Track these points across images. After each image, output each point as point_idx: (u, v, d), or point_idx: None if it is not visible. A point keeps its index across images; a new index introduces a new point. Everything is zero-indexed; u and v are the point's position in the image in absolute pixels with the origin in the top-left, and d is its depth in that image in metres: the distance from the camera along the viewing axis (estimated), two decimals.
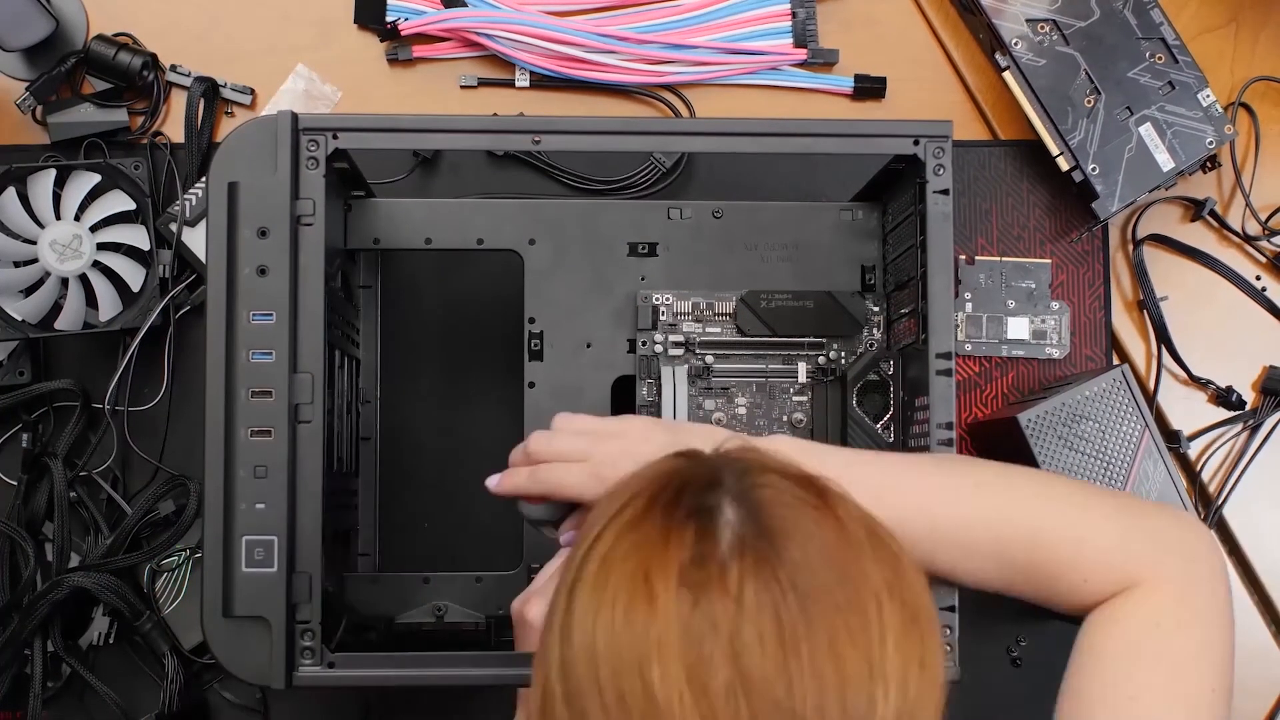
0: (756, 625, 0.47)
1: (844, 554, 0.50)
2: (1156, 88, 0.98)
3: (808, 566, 0.49)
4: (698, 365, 0.89)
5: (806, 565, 0.49)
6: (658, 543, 0.50)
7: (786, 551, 0.49)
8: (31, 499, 0.96)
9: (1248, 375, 1.03)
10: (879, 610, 0.49)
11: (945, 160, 0.80)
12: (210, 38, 1.03)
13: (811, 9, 1.04)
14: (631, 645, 0.48)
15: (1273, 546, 1.00)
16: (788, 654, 0.47)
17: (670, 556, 0.49)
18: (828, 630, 0.48)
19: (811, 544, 0.49)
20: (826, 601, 0.48)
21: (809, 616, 0.47)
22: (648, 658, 0.47)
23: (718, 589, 0.48)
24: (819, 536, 0.50)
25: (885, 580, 0.50)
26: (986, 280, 1.01)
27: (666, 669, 0.47)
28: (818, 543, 0.50)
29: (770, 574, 0.48)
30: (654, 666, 0.47)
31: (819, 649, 0.47)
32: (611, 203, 0.98)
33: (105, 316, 0.95)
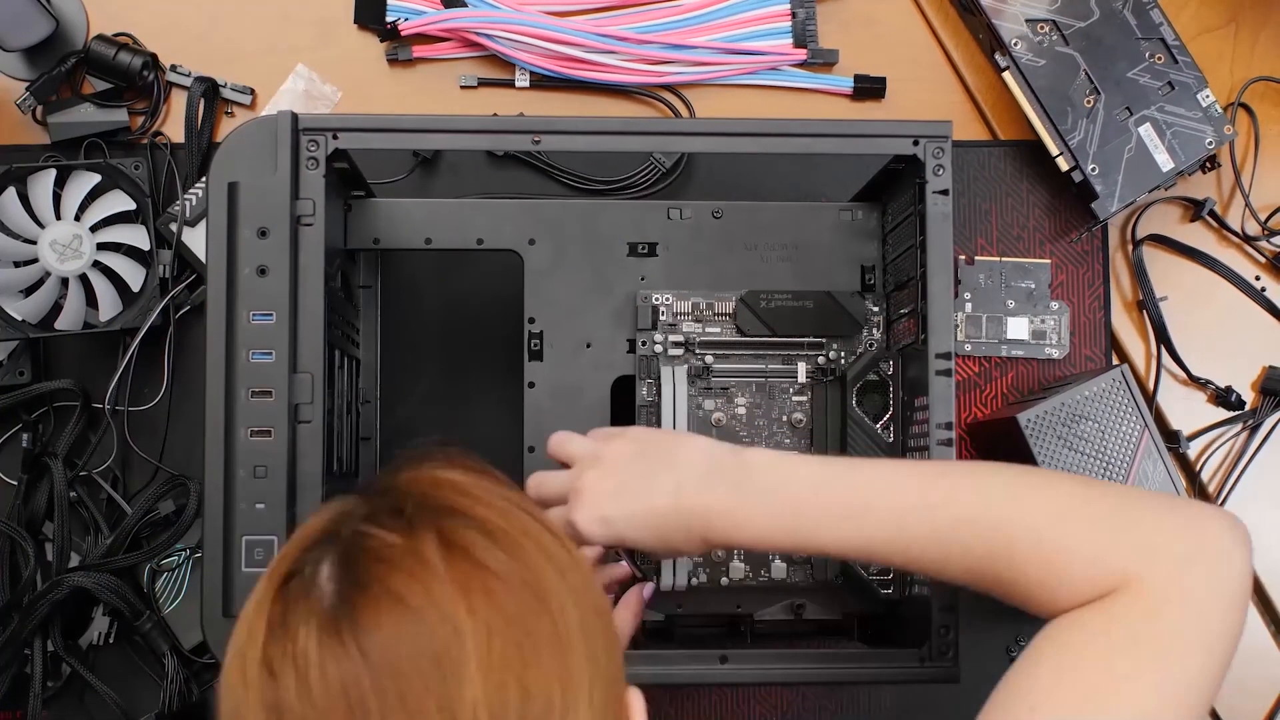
0: (322, 693, 0.47)
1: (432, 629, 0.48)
2: (1156, 88, 0.98)
3: (371, 607, 0.48)
4: (697, 365, 0.89)
5: (370, 606, 0.48)
6: (252, 614, 0.50)
7: (348, 602, 0.48)
8: (31, 499, 0.96)
9: (1247, 375, 1.03)
10: (458, 637, 0.47)
11: (945, 160, 0.80)
12: (210, 38, 1.03)
13: (811, 9, 1.04)
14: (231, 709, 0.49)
15: (1272, 546, 1.01)
16: (354, 712, 0.46)
17: (259, 627, 0.49)
18: (387, 664, 0.47)
19: (379, 587, 0.48)
20: (384, 637, 0.47)
21: (369, 661, 0.47)
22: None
23: (290, 659, 0.47)
24: (389, 577, 0.49)
25: (461, 594, 0.48)
26: (986, 280, 1.01)
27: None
28: (385, 585, 0.48)
29: (332, 630, 0.47)
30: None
31: (387, 697, 0.46)
32: (611, 203, 0.98)
33: (105, 316, 0.95)
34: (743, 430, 0.89)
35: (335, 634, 0.47)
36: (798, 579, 0.89)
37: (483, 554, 0.50)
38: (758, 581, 0.89)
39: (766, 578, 0.89)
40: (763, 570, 0.89)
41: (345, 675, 0.47)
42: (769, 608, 0.90)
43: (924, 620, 0.80)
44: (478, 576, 0.49)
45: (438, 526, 0.50)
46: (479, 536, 0.51)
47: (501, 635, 0.48)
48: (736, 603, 0.90)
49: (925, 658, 0.79)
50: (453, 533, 0.50)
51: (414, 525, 0.50)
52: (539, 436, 0.90)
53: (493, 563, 0.50)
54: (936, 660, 0.79)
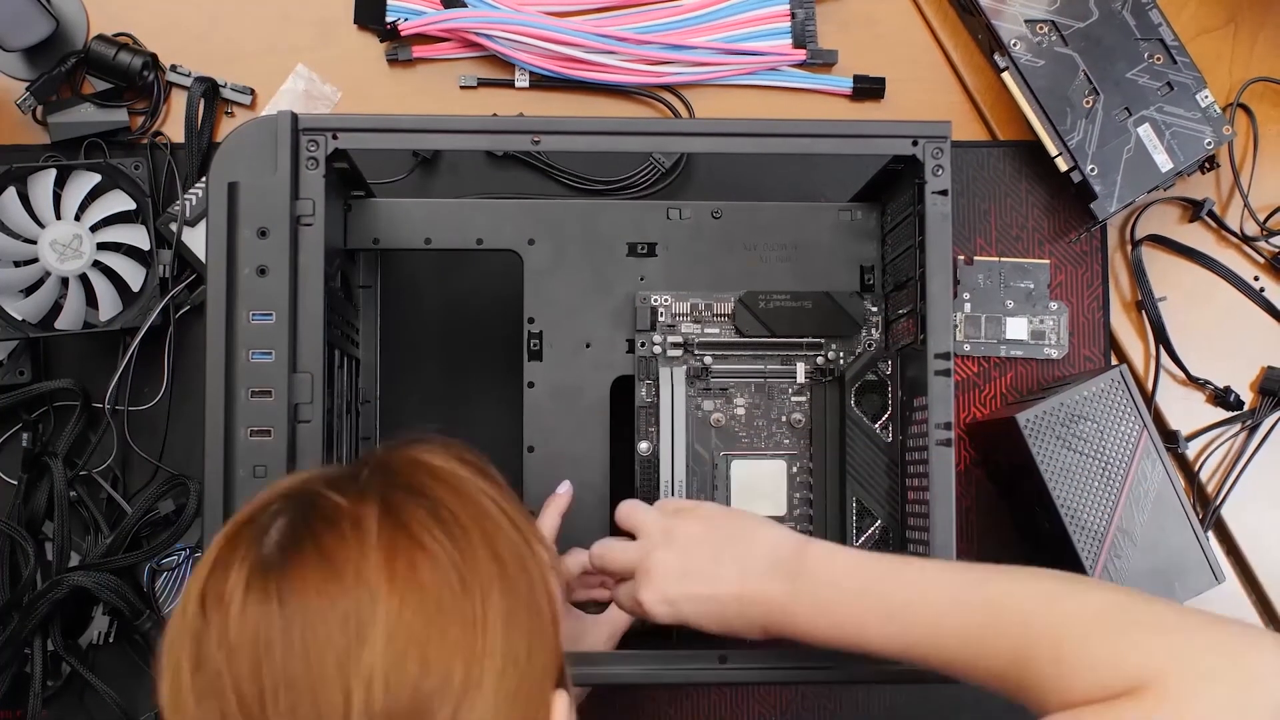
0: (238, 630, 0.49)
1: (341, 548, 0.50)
2: (1155, 88, 0.98)
3: (299, 564, 0.50)
4: (696, 366, 0.89)
5: (298, 562, 0.50)
6: (210, 549, 0.53)
7: (280, 555, 0.50)
8: (32, 498, 0.96)
9: (1246, 375, 1.03)
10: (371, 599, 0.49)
11: (944, 161, 0.80)
12: (210, 38, 1.03)
13: (810, 9, 1.04)
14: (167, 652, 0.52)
15: (1270, 546, 1.01)
16: (260, 651, 0.49)
17: (205, 563, 0.52)
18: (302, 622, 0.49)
19: (311, 545, 0.50)
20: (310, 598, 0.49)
21: (286, 613, 0.49)
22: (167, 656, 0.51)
23: (217, 595, 0.50)
24: (321, 534, 0.51)
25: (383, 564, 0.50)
26: (985, 280, 1.01)
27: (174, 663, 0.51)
28: (317, 542, 0.51)
29: (260, 575, 0.50)
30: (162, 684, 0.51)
31: (293, 644, 0.48)
32: (611, 203, 0.98)
33: (105, 316, 0.96)
34: (741, 431, 0.90)
35: (262, 579, 0.50)
36: None
37: (419, 530, 0.51)
38: None
39: None
40: None
41: (260, 619, 0.49)
42: None
43: None
44: (407, 549, 0.51)
45: (384, 497, 0.52)
46: (424, 514, 0.52)
47: (415, 608, 0.49)
48: None
49: None
50: (398, 504, 0.52)
51: (364, 492, 0.53)
52: (538, 436, 0.90)
53: (427, 540, 0.51)
54: None
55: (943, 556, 0.79)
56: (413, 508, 0.53)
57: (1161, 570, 0.89)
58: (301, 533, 0.51)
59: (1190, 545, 0.89)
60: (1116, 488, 0.90)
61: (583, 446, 0.91)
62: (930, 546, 0.79)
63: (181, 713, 0.50)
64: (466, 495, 0.55)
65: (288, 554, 0.50)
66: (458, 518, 0.53)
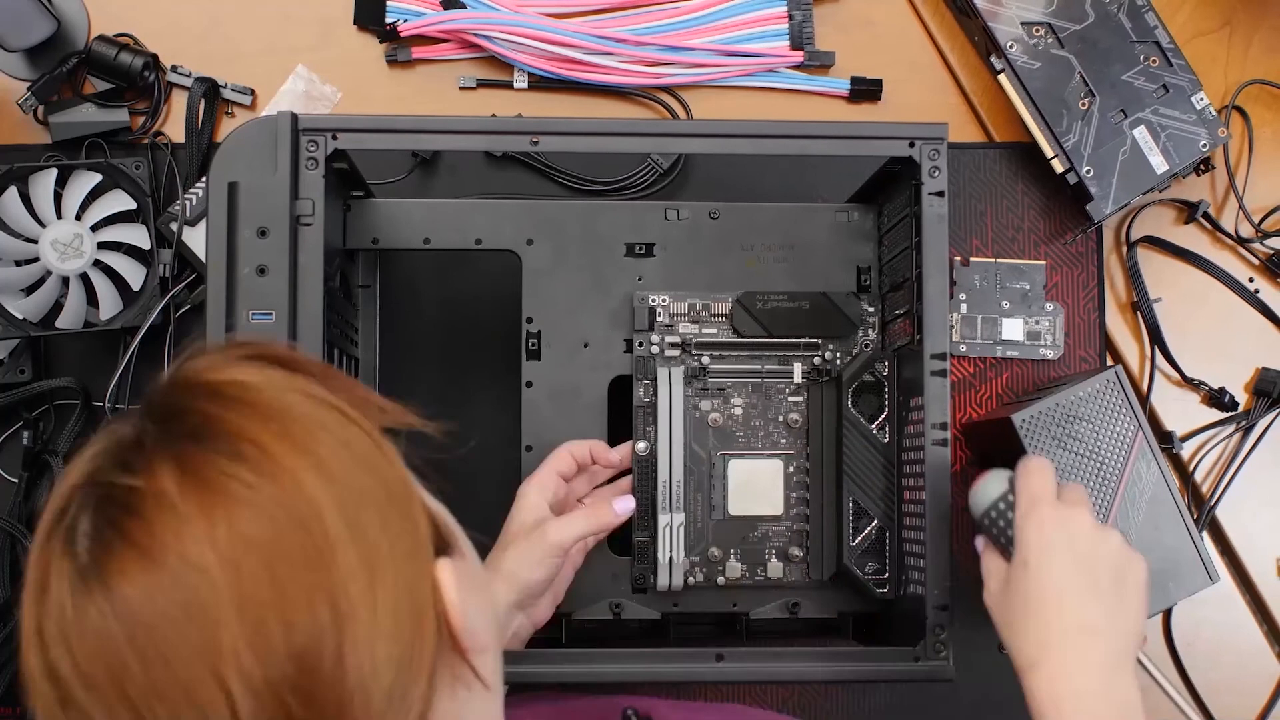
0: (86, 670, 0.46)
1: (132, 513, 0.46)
2: (1151, 91, 0.98)
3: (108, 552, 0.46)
4: (694, 366, 0.90)
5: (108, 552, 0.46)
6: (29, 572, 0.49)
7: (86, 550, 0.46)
8: (32, 496, 0.97)
9: (1240, 377, 1.03)
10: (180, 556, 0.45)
11: (940, 162, 0.81)
12: (210, 38, 1.03)
13: (808, 11, 1.05)
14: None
15: (1265, 546, 1.01)
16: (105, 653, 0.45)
17: (29, 590, 0.48)
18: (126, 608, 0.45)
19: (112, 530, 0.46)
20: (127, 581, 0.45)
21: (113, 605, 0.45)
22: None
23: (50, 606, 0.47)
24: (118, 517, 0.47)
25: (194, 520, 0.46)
26: (981, 281, 1.02)
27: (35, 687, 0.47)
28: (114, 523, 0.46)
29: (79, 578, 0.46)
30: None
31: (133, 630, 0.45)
32: (609, 203, 0.98)
33: (106, 315, 0.96)
34: (739, 430, 0.90)
35: (87, 593, 0.45)
36: (794, 578, 0.89)
37: (224, 479, 0.46)
38: (753, 580, 0.89)
39: (763, 577, 0.89)
40: (759, 569, 0.89)
41: (101, 636, 0.45)
42: (764, 606, 0.91)
43: (918, 620, 0.80)
44: (220, 507, 0.46)
45: (176, 456, 0.47)
46: (222, 459, 0.47)
47: (252, 570, 0.45)
48: (732, 601, 0.91)
49: (919, 657, 0.79)
50: (192, 461, 0.47)
51: (152, 460, 0.47)
52: (536, 435, 0.91)
53: (236, 487, 0.46)
54: (930, 659, 0.79)
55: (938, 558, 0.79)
56: (209, 456, 0.47)
57: (1156, 570, 0.90)
58: (106, 531, 0.46)
59: (1185, 545, 0.90)
60: (1112, 488, 0.90)
61: None
62: (925, 546, 0.80)
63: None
64: (264, 407, 0.49)
65: (101, 558, 0.46)
66: (260, 444, 0.47)
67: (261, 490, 0.46)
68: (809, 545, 0.90)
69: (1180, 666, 1.00)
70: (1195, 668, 0.99)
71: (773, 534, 0.90)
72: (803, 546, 0.90)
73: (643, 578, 0.88)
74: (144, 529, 0.45)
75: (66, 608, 0.46)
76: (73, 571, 0.46)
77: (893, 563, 0.87)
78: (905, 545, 0.85)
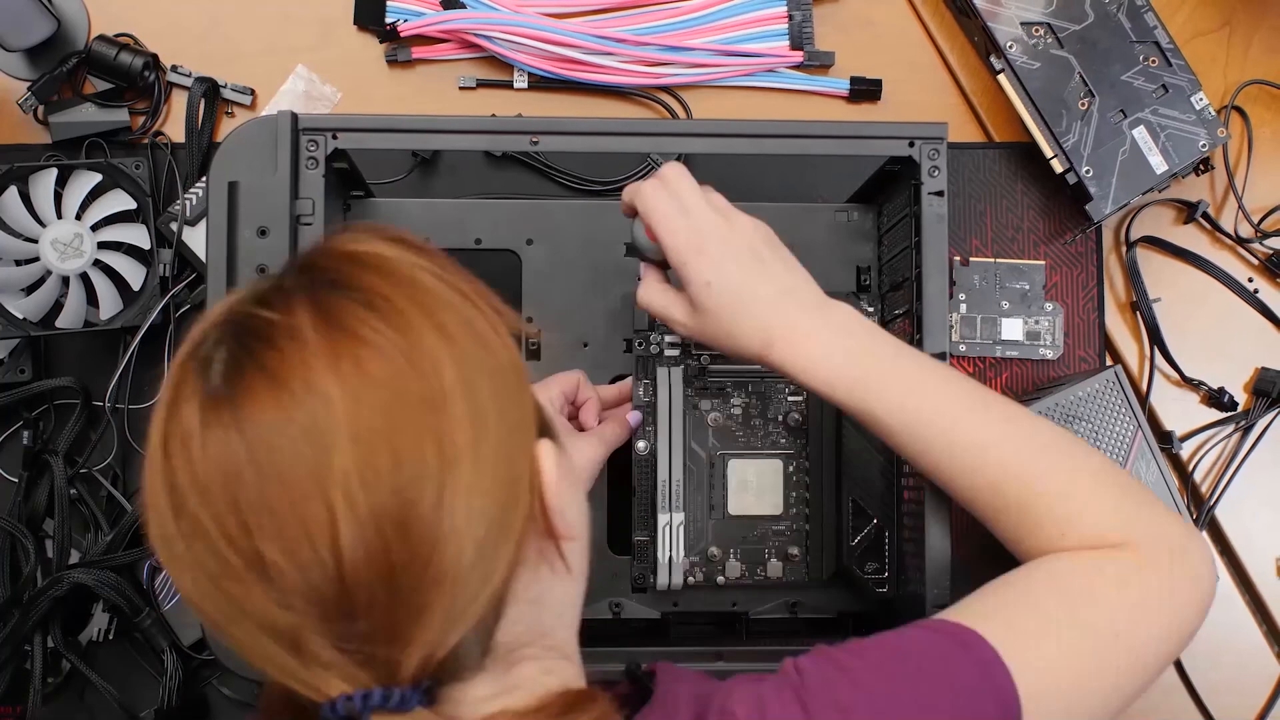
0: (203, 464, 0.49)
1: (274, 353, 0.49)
2: (1150, 91, 0.98)
3: (247, 390, 0.49)
4: (693, 365, 0.90)
5: (247, 389, 0.49)
6: (161, 393, 0.52)
7: (225, 380, 0.49)
8: (32, 496, 0.97)
9: (1239, 377, 1.03)
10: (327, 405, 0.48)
11: (940, 162, 0.81)
12: (210, 38, 1.03)
13: (808, 11, 1.05)
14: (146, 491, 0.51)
15: (1264, 546, 1.01)
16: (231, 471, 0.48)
17: (159, 407, 0.51)
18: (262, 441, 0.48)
19: (251, 362, 0.50)
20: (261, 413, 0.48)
21: (245, 439, 0.48)
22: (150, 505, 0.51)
23: (177, 432, 0.50)
24: (258, 350, 0.50)
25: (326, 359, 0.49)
26: (981, 281, 1.02)
27: (151, 498, 0.51)
28: (255, 357, 0.50)
29: (212, 408, 0.49)
30: (143, 498, 0.51)
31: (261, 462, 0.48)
32: (609, 203, 0.98)
33: (106, 315, 0.96)
34: (738, 430, 0.90)
35: (215, 412, 0.49)
36: (793, 578, 0.89)
37: (356, 323, 0.50)
38: (753, 580, 0.89)
39: (762, 576, 0.89)
40: (759, 569, 0.89)
41: (223, 451, 0.48)
42: (764, 606, 0.91)
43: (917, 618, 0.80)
44: (348, 345, 0.49)
45: (314, 299, 0.51)
46: (356, 307, 0.51)
47: (371, 403, 0.49)
48: (732, 601, 0.91)
49: None
50: (328, 303, 0.51)
51: (291, 300, 0.51)
52: None
53: (366, 332, 0.50)
54: None
55: (938, 557, 0.80)
56: (344, 302, 0.51)
57: None
58: (242, 358, 0.50)
59: None
60: None
61: None
62: (925, 545, 0.80)
63: (173, 558, 0.50)
64: (398, 274, 0.53)
65: (234, 382, 0.49)
66: (392, 301, 0.51)
67: (387, 336, 0.50)
68: (809, 545, 0.90)
69: (1180, 666, 1.00)
70: (1194, 668, 0.99)
71: (772, 534, 0.90)
72: (802, 546, 0.90)
73: (642, 577, 0.88)
74: (276, 357, 0.49)
75: (194, 424, 0.49)
76: (204, 392, 0.50)
77: (892, 562, 0.87)
78: (905, 545, 0.85)
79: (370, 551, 0.48)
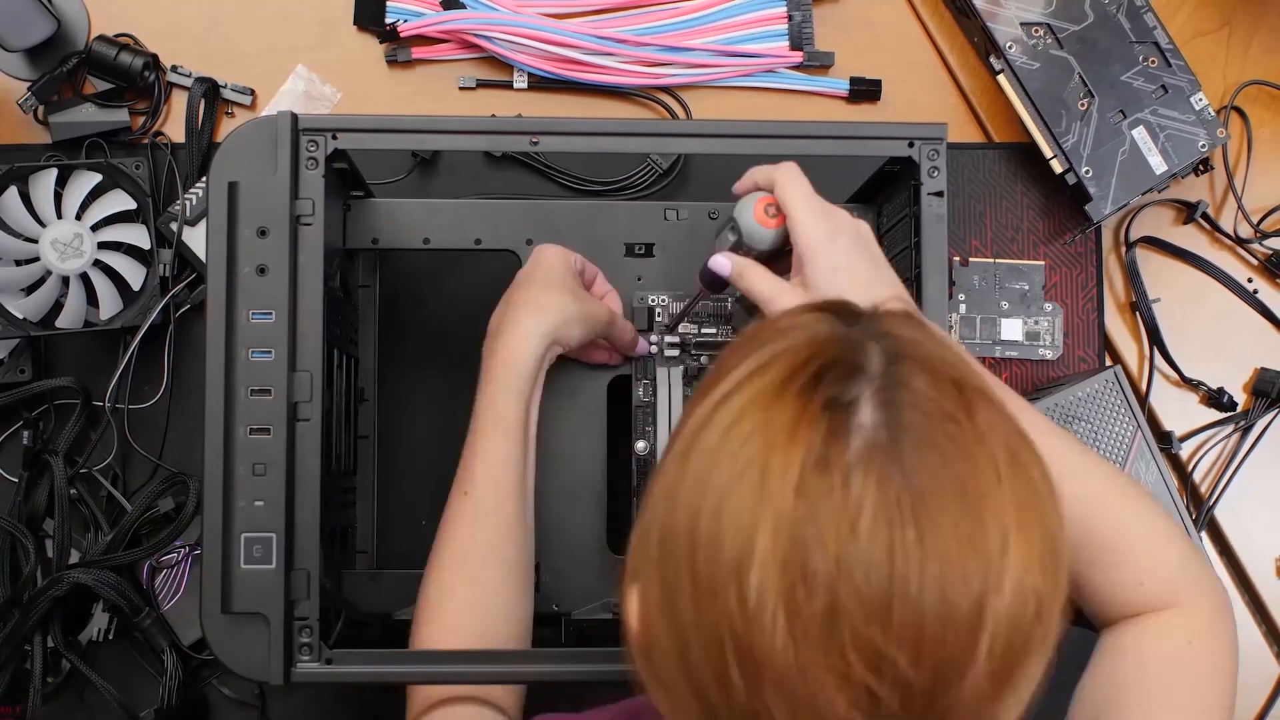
0: (866, 553, 0.44)
1: (976, 482, 0.46)
2: (1150, 91, 0.98)
3: (936, 493, 0.45)
4: (693, 366, 0.90)
5: (935, 492, 0.45)
6: (784, 432, 0.46)
7: (916, 474, 0.45)
8: (32, 496, 0.97)
9: (1239, 377, 1.03)
10: (1003, 545, 0.46)
11: (940, 162, 0.81)
12: (210, 38, 1.03)
13: (808, 12, 1.05)
14: (733, 541, 0.45)
15: (1263, 547, 1.01)
16: (894, 585, 0.44)
17: (794, 453, 0.46)
18: (939, 559, 0.45)
19: (944, 468, 0.46)
20: (947, 534, 0.45)
21: (924, 549, 0.44)
22: (747, 560, 0.45)
23: (836, 502, 0.45)
24: (955, 459, 0.46)
25: (1016, 513, 0.47)
26: (980, 281, 1.02)
27: (765, 579, 0.45)
28: (951, 467, 0.46)
29: (893, 497, 0.45)
30: (752, 573, 0.45)
31: (928, 583, 0.44)
32: (608, 204, 0.98)
33: (106, 315, 0.96)
34: None
35: (896, 506, 0.45)
36: None
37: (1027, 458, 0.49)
38: None
39: None
40: None
41: (894, 548, 0.44)
42: None
43: None
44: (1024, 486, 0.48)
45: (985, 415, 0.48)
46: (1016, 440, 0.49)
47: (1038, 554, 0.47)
48: None
49: None
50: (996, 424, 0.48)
51: (971, 406, 0.48)
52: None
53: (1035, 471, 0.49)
54: None
55: None
56: (984, 402, 0.48)
57: None
58: (925, 451, 0.46)
59: None
60: None
61: (580, 446, 0.91)
62: None
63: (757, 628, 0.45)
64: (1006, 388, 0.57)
65: (918, 476, 0.45)
66: (990, 414, 0.49)
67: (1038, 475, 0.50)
68: None
69: None
70: None
71: None
72: None
73: None
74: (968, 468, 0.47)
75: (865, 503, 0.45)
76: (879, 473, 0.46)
77: None
78: None
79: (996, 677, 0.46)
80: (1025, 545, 0.46)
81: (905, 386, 0.48)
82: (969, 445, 0.47)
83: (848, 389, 0.47)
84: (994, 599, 0.45)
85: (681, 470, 0.49)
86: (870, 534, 0.44)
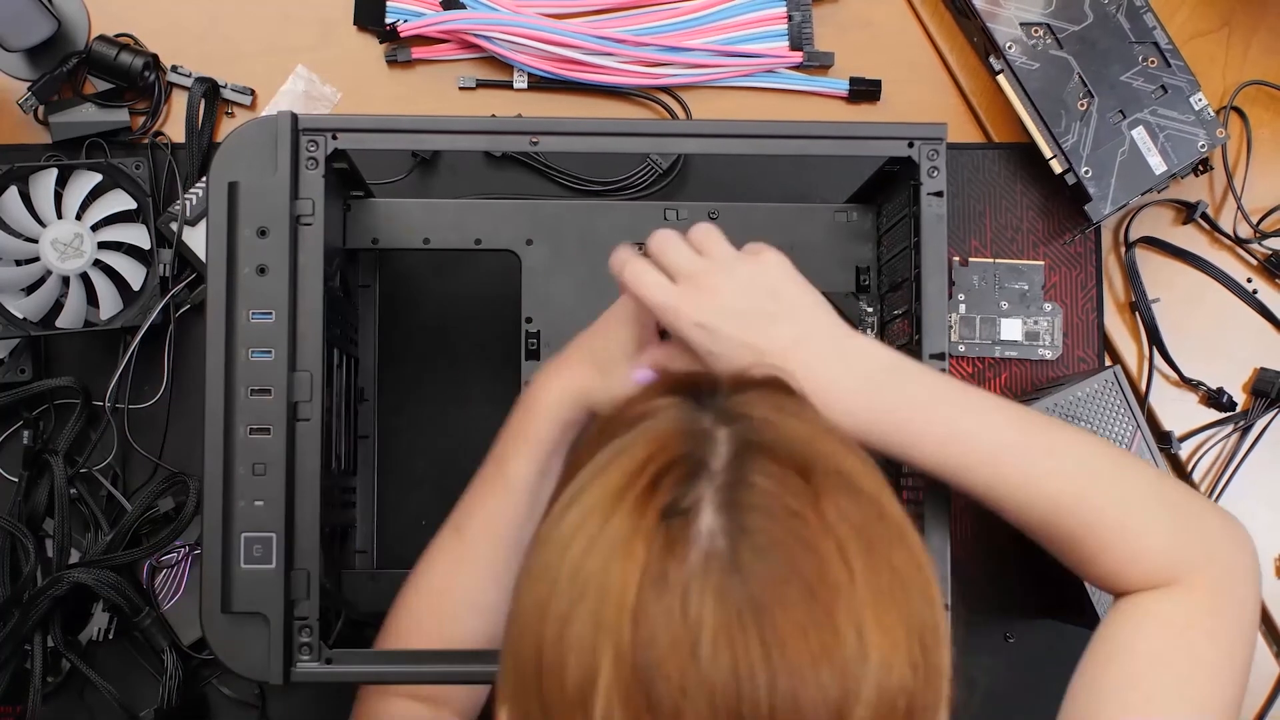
0: (710, 677, 0.42)
1: (826, 580, 0.44)
2: (1149, 91, 0.98)
3: (780, 601, 0.43)
4: None
5: (779, 600, 0.43)
6: (621, 548, 0.45)
7: (757, 583, 0.43)
8: (32, 495, 0.97)
9: (1238, 377, 1.03)
10: (861, 646, 0.44)
11: (939, 163, 0.81)
12: (210, 38, 1.03)
13: (807, 12, 1.05)
14: (576, 670, 0.44)
15: (1263, 547, 1.00)
16: (743, 708, 0.42)
17: (631, 572, 0.44)
18: (789, 674, 0.42)
19: (790, 571, 0.44)
20: (796, 645, 0.43)
21: (771, 664, 0.42)
22: (589, 691, 0.43)
23: (675, 626, 0.43)
24: (801, 559, 0.44)
25: (874, 607, 0.44)
26: (980, 282, 1.02)
27: (610, 711, 0.43)
28: (797, 568, 0.44)
29: (734, 612, 0.43)
30: (596, 707, 0.43)
31: (780, 701, 0.42)
32: (608, 204, 0.98)
33: (106, 315, 0.96)
34: None
35: (738, 619, 0.43)
36: None
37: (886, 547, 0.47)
38: None
39: None
40: None
41: (739, 664, 0.42)
42: None
43: None
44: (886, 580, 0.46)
45: (820, 496, 0.46)
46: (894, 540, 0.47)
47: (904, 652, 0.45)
48: None
49: None
50: (842, 508, 0.46)
51: (817, 494, 0.46)
52: None
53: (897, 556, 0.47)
54: None
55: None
56: (833, 489, 0.46)
57: None
58: (769, 555, 0.44)
59: None
60: None
61: None
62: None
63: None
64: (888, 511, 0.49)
65: (759, 585, 0.43)
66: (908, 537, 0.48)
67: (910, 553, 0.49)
68: None
69: None
70: None
71: None
72: None
73: None
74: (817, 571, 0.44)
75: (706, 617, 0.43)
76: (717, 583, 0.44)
77: None
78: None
79: None
80: (887, 642, 0.44)
81: (747, 485, 0.46)
82: (816, 541, 0.45)
83: (687, 492, 0.45)
84: (856, 708, 0.43)
85: (528, 589, 0.47)
86: (711, 658, 0.42)
